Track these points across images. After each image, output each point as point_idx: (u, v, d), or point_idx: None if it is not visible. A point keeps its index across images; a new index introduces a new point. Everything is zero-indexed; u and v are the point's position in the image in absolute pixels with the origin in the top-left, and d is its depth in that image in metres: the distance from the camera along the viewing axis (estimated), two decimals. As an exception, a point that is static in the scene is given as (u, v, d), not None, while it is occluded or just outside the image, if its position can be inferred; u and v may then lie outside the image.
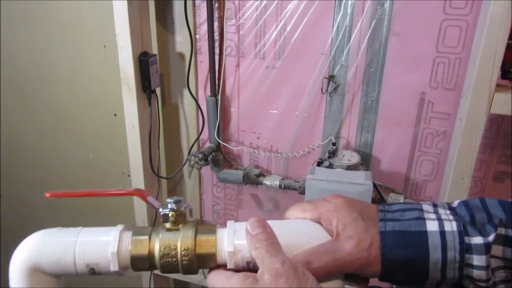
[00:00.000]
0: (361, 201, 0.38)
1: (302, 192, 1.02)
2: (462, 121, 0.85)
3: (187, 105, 1.17)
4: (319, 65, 1.00)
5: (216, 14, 1.03)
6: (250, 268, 0.36)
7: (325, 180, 0.96)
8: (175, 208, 0.38)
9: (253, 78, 1.06)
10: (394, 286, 0.37)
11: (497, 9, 0.75)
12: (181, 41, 1.09)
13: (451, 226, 0.32)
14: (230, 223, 0.38)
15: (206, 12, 1.02)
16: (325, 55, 0.99)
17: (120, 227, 0.38)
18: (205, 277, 1.22)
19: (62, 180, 1.41)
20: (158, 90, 1.13)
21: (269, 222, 0.37)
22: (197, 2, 1.04)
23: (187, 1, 1.01)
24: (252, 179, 1.11)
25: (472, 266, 0.31)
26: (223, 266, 0.37)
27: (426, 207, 0.35)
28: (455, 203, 0.35)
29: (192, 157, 1.09)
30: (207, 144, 1.16)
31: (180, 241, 0.36)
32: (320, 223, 0.37)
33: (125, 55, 0.99)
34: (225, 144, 1.14)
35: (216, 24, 1.04)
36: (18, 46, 1.27)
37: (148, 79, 1.02)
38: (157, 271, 0.38)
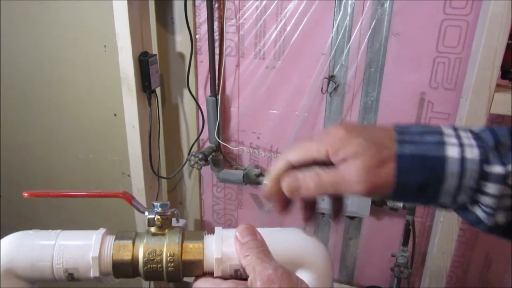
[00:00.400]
0: (367, 125, 0.37)
1: (302, 192, 1.02)
2: (462, 121, 0.85)
3: (187, 105, 1.16)
4: (319, 65, 1.00)
5: (216, 14, 1.03)
6: (238, 276, 0.35)
7: (325, 180, 0.96)
8: (161, 212, 0.36)
9: (253, 78, 1.06)
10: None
11: (497, 9, 0.75)
12: (181, 41, 1.09)
13: (472, 153, 0.31)
14: (218, 229, 0.37)
15: (206, 12, 1.02)
16: (325, 55, 0.99)
17: (102, 230, 0.37)
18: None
19: (62, 180, 1.41)
20: (158, 90, 1.13)
21: (259, 229, 0.36)
22: (197, 2, 1.04)
23: (187, 1, 1.01)
24: (252, 179, 1.11)
25: (483, 193, 0.31)
26: (209, 274, 0.35)
27: (447, 130, 0.33)
28: (476, 128, 0.33)
29: (192, 157, 1.09)
30: (207, 144, 1.16)
31: (166, 246, 0.35)
32: (330, 159, 0.35)
33: (125, 55, 0.99)
34: (225, 144, 1.14)
35: (216, 24, 1.04)
36: (18, 46, 1.26)
37: (148, 79, 1.02)
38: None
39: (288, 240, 0.36)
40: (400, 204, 0.98)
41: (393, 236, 1.11)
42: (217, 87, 1.09)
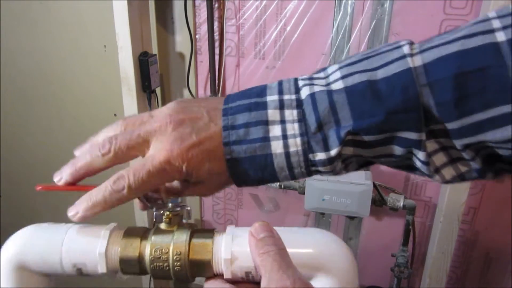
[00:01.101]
0: (201, 101, 0.35)
1: (302, 192, 1.02)
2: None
3: (187, 105, 1.16)
4: (319, 65, 1.00)
5: (216, 14, 1.03)
6: (250, 279, 0.32)
7: (325, 180, 0.96)
8: (171, 208, 0.35)
9: (253, 78, 1.06)
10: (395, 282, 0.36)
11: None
12: (181, 41, 1.09)
13: (295, 144, 0.31)
14: (230, 228, 0.35)
15: (206, 12, 1.02)
16: (325, 55, 0.99)
17: (111, 225, 0.35)
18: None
19: (62, 180, 1.41)
20: (158, 90, 1.13)
21: (275, 228, 0.34)
22: (197, 2, 1.04)
23: (187, 1, 1.01)
24: (252, 179, 1.10)
25: (318, 171, 0.33)
26: (220, 276, 0.33)
27: (272, 114, 0.32)
28: (303, 96, 0.32)
29: (192, 157, 1.09)
30: (207, 144, 1.16)
31: (172, 244, 0.33)
32: None
33: (125, 55, 0.99)
34: (225, 144, 1.14)
35: (216, 24, 1.04)
36: (18, 46, 1.26)
37: (148, 79, 1.02)
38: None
39: (307, 240, 0.33)
40: (400, 204, 0.98)
41: (393, 236, 1.11)
42: (217, 87, 1.09)
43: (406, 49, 0.31)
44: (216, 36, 1.05)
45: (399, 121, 0.29)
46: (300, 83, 0.33)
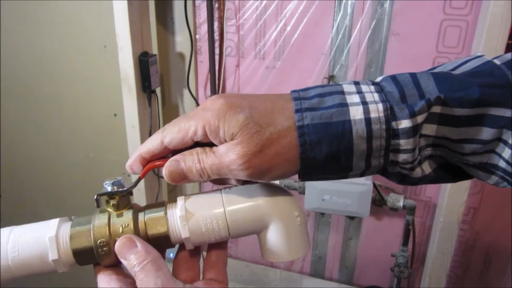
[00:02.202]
0: (260, 95, 0.32)
1: (302, 192, 1.02)
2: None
3: (187, 105, 1.17)
4: (319, 65, 1.00)
5: (216, 14, 1.03)
6: (213, 235, 0.33)
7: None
8: (117, 191, 0.34)
9: (253, 78, 1.06)
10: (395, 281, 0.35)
11: (497, 9, 0.75)
12: (181, 41, 1.10)
13: (377, 110, 0.28)
14: (179, 198, 0.34)
15: (206, 12, 1.02)
16: (325, 55, 0.99)
17: (56, 219, 0.34)
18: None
19: (62, 180, 1.41)
20: (158, 90, 1.13)
21: (224, 195, 0.33)
22: (197, 2, 1.04)
23: (187, 1, 1.01)
24: (252, 179, 1.10)
25: (398, 151, 0.29)
26: (117, 265, 0.33)
27: (348, 87, 0.30)
28: (379, 78, 0.30)
29: (192, 157, 1.09)
30: (207, 144, 1.16)
31: (123, 225, 0.32)
32: (208, 138, 0.31)
33: (125, 55, 0.99)
34: (225, 144, 1.14)
35: (216, 24, 1.04)
36: (18, 46, 1.27)
37: (148, 79, 1.02)
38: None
39: (254, 200, 0.33)
40: (400, 204, 0.98)
41: (393, 236, 1.11)
42: (217, 87, 1.09)
43: (483, 56, 0.30)
44: (216, 36, 1.05)
45: (493, 95, 0.27)
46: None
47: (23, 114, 1.37)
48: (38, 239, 0.32)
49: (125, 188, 0.34)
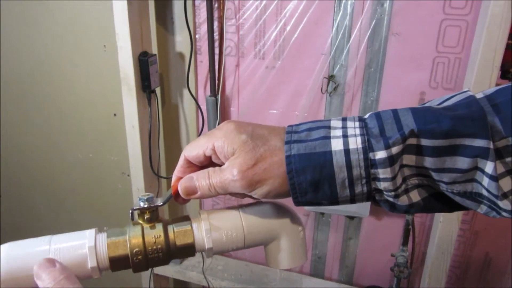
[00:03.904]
0: (257, 124, 0.37)
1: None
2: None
3: (187, 105, 1.17)
4: (319, 65, 1.00)
5: (216, 14, 1.03)
6: (233, 242, 0.38)
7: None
8: (147, 207, 0.38)
9: (253, 78, 1.06)
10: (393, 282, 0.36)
11: (497, 9, 0.75)
12: (181, 41, 1.09)
13: (355, 142, 0.31)
14: (202, 212, 0.40)
15: (206, 12, 1.02)
16: (325, 55, 0.99)
17: (92, 229, 0.38)
18: (205, 276, 1.21)
19: (62, 180, 1.41)
20: (158, 90, 1.13)
21: (233, 211, 0.39)
22: (196, 2, 1.04)
23: (187, 1, 1.01)
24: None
25: (378, 180, 0.31)
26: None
27: (335, 122, 0.34)
28: (367, 114, 0.34)
29: (192, 157, 1.09)
30: (207, 144, 1.15)
31: (156, 236, 0.37)
32: (216, 154, 0.36)
33: (125, 55, 0.99)
34: (225, 144, 1.14)
35: (216, 24, 1.04)
36: (18, 46, 1.27)
37: (148, 79, 1.02)
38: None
39: (267, 217, 0.38)
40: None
41: (393, 236, 1.11)
42: (217, 87, 1.09)
43: (468, 91, 0.33)
44: (216, 36, 1.05)
45: (465, 126, 0.29)
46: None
47: (22, 114, 1.37)
48: (77, 248, 0.36)
49: (157, 204, 0.39)
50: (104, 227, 0.38)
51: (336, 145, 0.32)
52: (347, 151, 0.31)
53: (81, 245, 0.36)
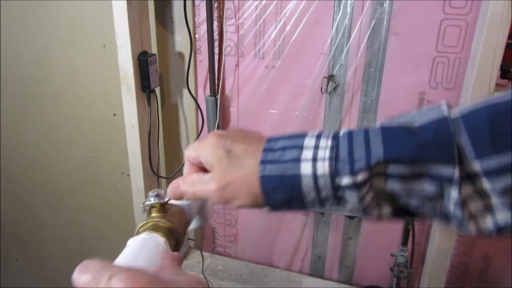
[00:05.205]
0: (238, 136, 0.38)
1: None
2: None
3: (186, 105, 1.16)
4: (319, 65, 1.00)
5: (215, 14, 1.03)
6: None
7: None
8: (158, 200, 0.43)
9: (253, 78, 1.06)
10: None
11: (497, 8, 0.75)
12: (180, 41, 1.09)
13: (323, 166, 0.32)
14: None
15: (205, 12, 1.02)
16: (325, 54, 0.99)
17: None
18: (204, 277, 1.21)
19: (62, 180, 1.41)
20: (157, 90, 1.13)
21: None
22: (196, 2, 1.04)
23: (187, 1, 1.00)
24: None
25: (346, 200, 0.33)
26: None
27: (308, 141, 0.35)
28: (342, 131, 0.35)
29: (192, 157, 1.09)
30: (207, 144, 1.15)
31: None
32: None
33: (125, 55, 0.99)
34: (224, 143, 1.14)
35: (215, 23, 1.04)
36: (17, 46, 1.26)
37: (147, 78, 1.02)
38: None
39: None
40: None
41: (393, 235, 1.11)
42: (216, 87, 1.09)
43: (444, 106, 0.32)
44: (216, 35, 1.05)
45: (430, 154, 0.29)
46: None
47: (22, 113, 1.36)
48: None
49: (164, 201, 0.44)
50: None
51: (305, 169, 0.33)
52: (315, 176, 0.33)
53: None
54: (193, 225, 0.48)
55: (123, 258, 0.35)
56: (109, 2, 0.95)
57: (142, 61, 1.01)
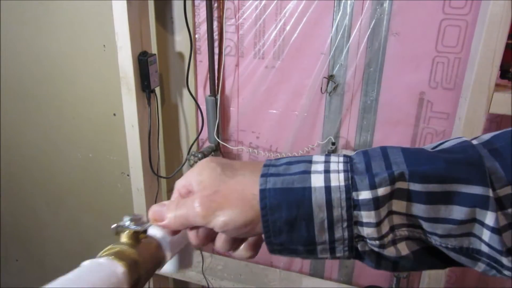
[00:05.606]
0: (242, 162, 0.34)
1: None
2: (461, 120, 0.85)
3: (186, 105, 1.17)
4: (319, 65, 1.00)
5: (215, 14, 1.03)
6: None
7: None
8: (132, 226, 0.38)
9: (253, 78, 1.06)
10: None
11: (496, 8, 0.75)
12: (180, 41, 1.09)
13: (338, 179, 0.28)
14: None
15: (205, 12, 1.02)
16: (325, 54, 0.99)
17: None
18: (205, 277, 1.21)
19: (61, 180, 1.41)
20: (157, 90, 1.13)
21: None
22: (196, 2, 1.04)
23: (187, 1, 1.01)
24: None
25: (361, 224, 0.28)
26: None
27: (317, 157, 0.31)
28: (355, 152, 0.31)
29: (192, 157, 1.09)
30: (207, 144, 1.16)
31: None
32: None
33: (125, 55, 0.99)
34: (224, 143, 1.14)
35: (215, 23, 1.04)
36: (17, 46, 1.27)
37: (147, 78, 1.02)
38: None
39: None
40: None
41: (393, 235, 1.11)
42: (216, 87, 1.09)
43: (462, 138, 0.30)
44: (216, 35, 1.05)
45: (461, 171, 0.26)
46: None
47: (22, 113, 1.37)
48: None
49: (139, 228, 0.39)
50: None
51: (317, 180, 0.28)
52: (328, 188, 0.28)
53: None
54: (168, 267, 0.42)
55: (61, 282, 0.31)
56: (109, 2, 0.95)
57: (142, 61, 1.01)
